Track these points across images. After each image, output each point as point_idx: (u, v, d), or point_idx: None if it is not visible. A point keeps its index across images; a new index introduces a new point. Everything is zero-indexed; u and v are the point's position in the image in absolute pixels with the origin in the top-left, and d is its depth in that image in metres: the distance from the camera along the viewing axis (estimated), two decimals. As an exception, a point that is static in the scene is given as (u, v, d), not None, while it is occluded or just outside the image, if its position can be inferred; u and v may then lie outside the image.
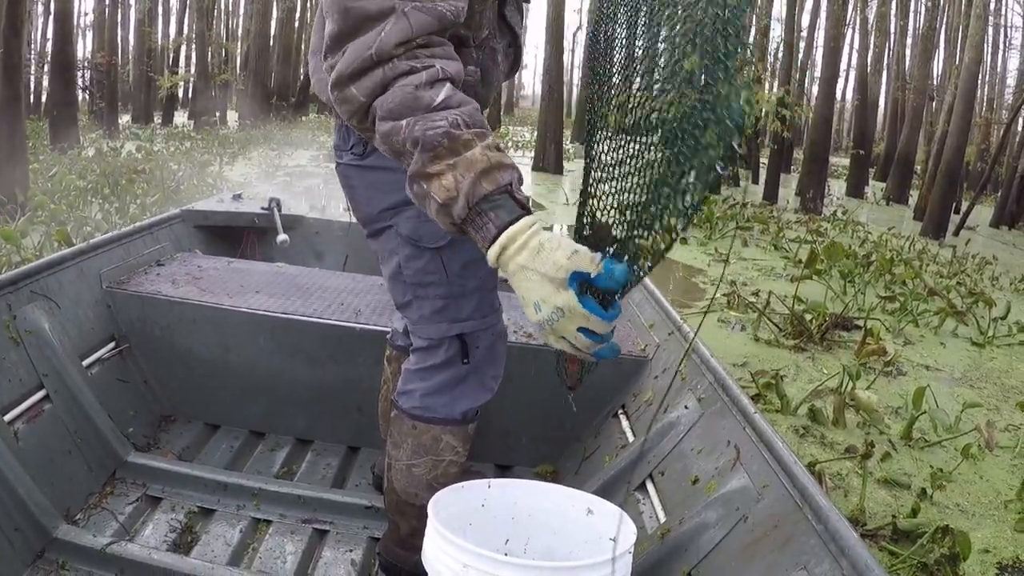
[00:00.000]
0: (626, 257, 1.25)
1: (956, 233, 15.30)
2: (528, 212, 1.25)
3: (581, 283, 1.21)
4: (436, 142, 1.23)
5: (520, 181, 1.28)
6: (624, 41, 1.54)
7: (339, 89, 1.31)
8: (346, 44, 1.29)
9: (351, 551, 2.14)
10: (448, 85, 1.28)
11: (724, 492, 1.76)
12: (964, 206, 17.45)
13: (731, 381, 2.06)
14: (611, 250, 1.31)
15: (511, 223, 1.23)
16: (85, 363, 2.42)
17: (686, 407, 2.16)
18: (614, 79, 1.55)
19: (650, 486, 2.08)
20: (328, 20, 1.32)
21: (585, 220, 1.53)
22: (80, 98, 20.76)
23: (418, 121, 1.24)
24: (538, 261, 1.21)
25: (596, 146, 1.56)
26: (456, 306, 1.73)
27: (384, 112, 1.27)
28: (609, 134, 1.50)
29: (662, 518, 1.93)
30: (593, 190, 1.52)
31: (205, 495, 2.27)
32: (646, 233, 1.20)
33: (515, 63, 1.79)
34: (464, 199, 1.22)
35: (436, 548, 1.41)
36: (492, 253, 1.23)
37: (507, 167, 1.25)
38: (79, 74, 21.75)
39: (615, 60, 1.56)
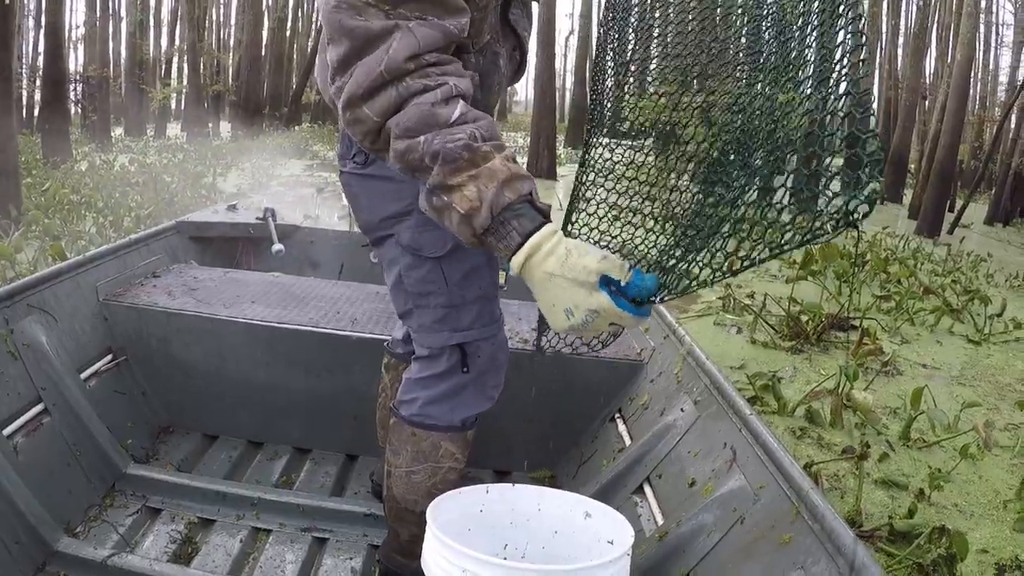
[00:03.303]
0: (662, 269, 1.29)
1: (951, 231, 15.32)
2: (549, 220, 1.28)
3: (609, 284, 1.24)
4: (457, 154, 1.25)
5: (536, 191, 1.30)
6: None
7: (351, 110, 1.31)
8: (353, 65, 1.29)
9: (351, 559, 2.14)
10: (462, 102, 1.30)
11: (721, 494, 1.77)
12: (958, 204, 17.48)
13: (726, 383, 2.07)
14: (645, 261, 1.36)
15: (534, 231, 1.25)
16: (83, 376, 2.42)
17: (682, 410, 2.17)
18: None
19: (647, 489, 2.09)
20: (332, 44, 1.32)
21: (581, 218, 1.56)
22: (72, 111, 20.75)
23: (436, 136, 1.26)
24: (567, 267, 1.23)
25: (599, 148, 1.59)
26: (456, 315, 1.73)
27: (400, 131, 1.28)
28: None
29: (660, 520, 1.94)
30: (593, 191, 1.54)
31: (205, 505, 2.28)
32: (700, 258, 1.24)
33: (520, 66, 1.79)
34: (488, 208, 1.24)
35: (435, 554, 1.42)
36: (516, 261, 1.25)
37: (526, 177, 1.27)
38: (71, 87, 21.74)
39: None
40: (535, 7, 1.80)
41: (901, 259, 9.70)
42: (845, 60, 1.01)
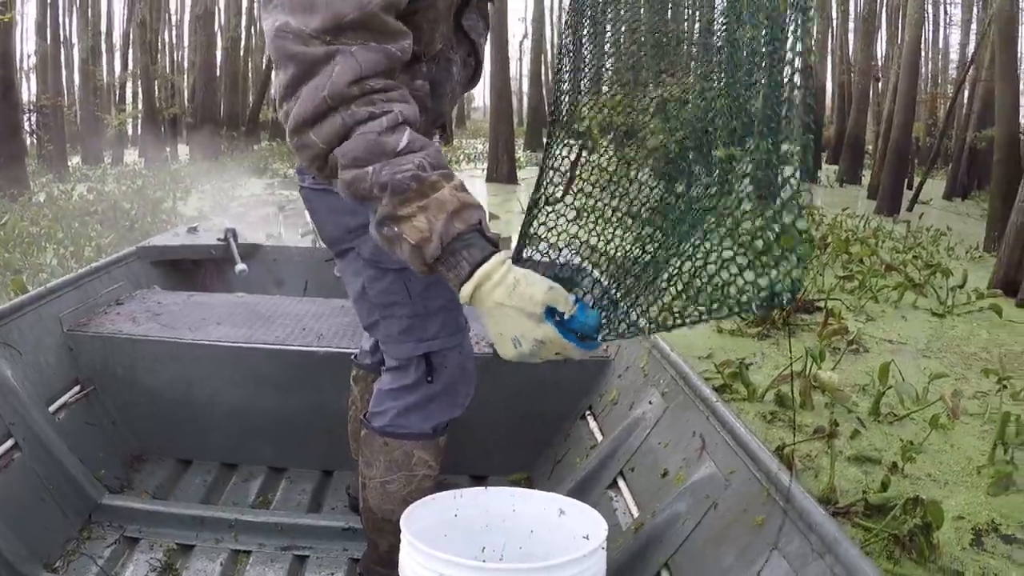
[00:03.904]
0: (610, 302, 1.33)
1: (910, 208, 15.53)
2: (498, 249, 1.29)
3: (554, 315, 1.28)
4: (406, 185, 1.26)
5: (486, 220, 1.32)
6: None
7: (297, 135, 1.31)
8: (299, 90, 1.29)
9: (332, 574, 2.14)
10: (408, 129, 1.30)
11: (693, 482, 1.79)
12: (916, 181, 17.71)
13: (692, 373, 2.10)
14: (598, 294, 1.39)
15: (484, 260, 1.27)
16: (51, 409, 2.40)
17: (650, 403, 2.19)
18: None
19: (621, 483, 2.11)
20: (278, 70, 1.32)
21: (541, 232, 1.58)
22: (28, 142, 20.49)
23: (384, 166, 1.26)
24: (515, 297, 1.26)
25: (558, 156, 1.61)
26: (422, 325, 1.74)
27: (347, 160, 1.28)
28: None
29: (635, 513, 1.96)
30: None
31: (183, 531, 2.26)
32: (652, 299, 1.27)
33: (476, 72, 1.79)
34: (438, 239, 1.26)
35: (411, 560, 1.43)
36: (466, 291, 1.27)
37: (475, 206, 1.29)
38: (25, 118, 21.45)
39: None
40: (489, 7, 1.80)
41: (862, 239, 9.82)
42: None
